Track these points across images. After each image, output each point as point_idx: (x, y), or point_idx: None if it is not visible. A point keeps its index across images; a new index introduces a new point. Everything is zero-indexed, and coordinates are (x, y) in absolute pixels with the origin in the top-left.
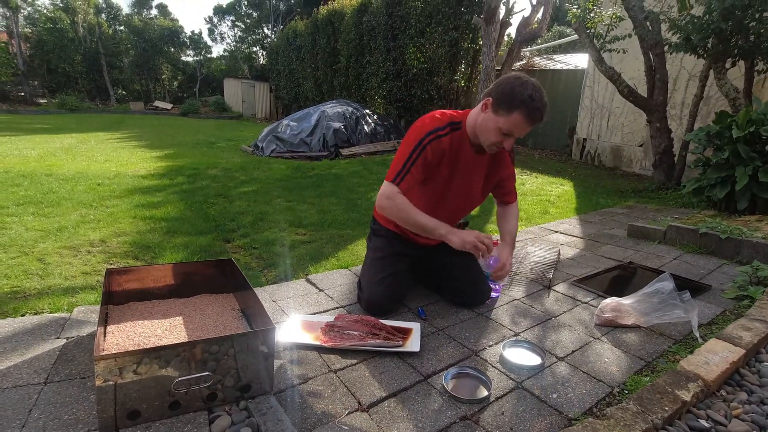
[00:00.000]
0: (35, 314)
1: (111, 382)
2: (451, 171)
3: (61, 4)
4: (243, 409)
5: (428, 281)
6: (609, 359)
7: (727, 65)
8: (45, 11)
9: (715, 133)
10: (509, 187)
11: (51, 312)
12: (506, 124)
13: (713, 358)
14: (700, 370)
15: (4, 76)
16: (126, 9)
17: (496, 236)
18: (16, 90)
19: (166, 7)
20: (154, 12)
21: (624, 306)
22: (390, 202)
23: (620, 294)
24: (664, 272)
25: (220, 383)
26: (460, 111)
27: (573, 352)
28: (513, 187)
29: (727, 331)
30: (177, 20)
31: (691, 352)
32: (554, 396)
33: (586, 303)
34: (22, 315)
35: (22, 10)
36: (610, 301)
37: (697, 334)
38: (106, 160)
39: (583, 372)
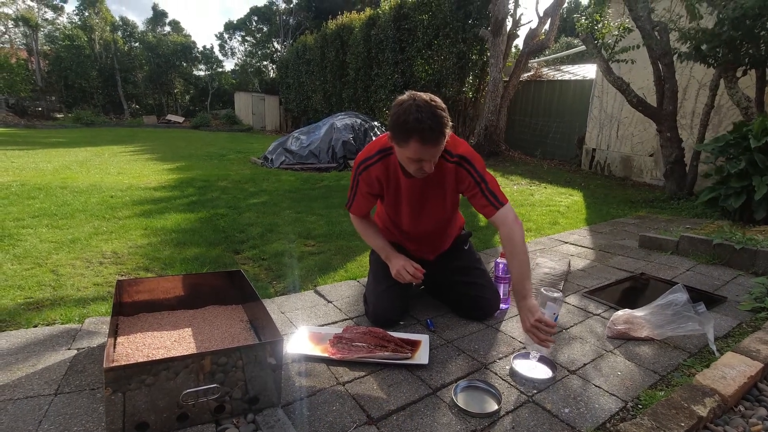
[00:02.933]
0: (47, 325)
1: (120, 394)
2: (394, 191)
3: (79, 23)
4: (251, 422)
5: (436, 293)
6: (622, 373)
7: (738, 74)
8: (63, 29)
9: (729, 143)
10: (479, 200)
11: (63, 323)
12: (410, 153)
13: (730, 372)
14: (716, 385)
15: (23, 92)
16: (141, 26)
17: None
18: (34, 105)
19: (179, 23)
20: (167, 28)
21: (637, 318)
22: (355, 226)
23: (632, 306)
24: (677, 283)
25: (228, 395)
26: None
27: (585, 365)
28: (485, 199)
29: (744, 345)
30: (189, 36)
31: (707, 366)
32: (566, 410)
33: (598, 315)
34: (35, 326)
35: (41, 29)
36: (623, 313)
37: (714, 348)
38: (119, 172)
39: (596, 386)
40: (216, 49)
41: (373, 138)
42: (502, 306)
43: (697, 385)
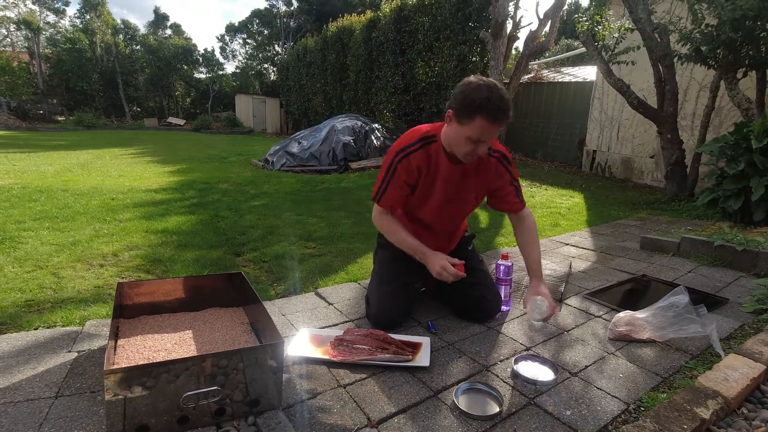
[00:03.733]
0: (48, 327)
1: (120, 397)
2: (429, 182)
3: (80, 26)
4: (251, 424)
5: (438, 294)
6: (624, 375)
7: (739, 76)
8: (65, 32)
9: (729, 144)
10: (508, 196)
11: (63, 325)
12: (472, 132)
13: (733, 374)
14: (719, 387)
15: (24, 95)
16: (142, 29)
17: (506, 249)
18: (35, 108)
19: (180, 26)
20: (168, 31)
21: (638, 320)
22: (380, 223)
23: (634, 308)
24: (678, 285)
25: (228, 398)
26: (438, 123)
27: (587, 367)
28: (515, 196)
29: (747, 346)
30: (190, 39)
31: (710, 368)
32: (568, 413)
33: (599, 317)
34: (35, 328)
35: (43, 32)
36: (624, 314)
37: (720, 350)
38: (120, 175)
39: (598, 388)
40: (217, 52)
41: (374, 140)
42: (504, 308)
43: (700, 388)
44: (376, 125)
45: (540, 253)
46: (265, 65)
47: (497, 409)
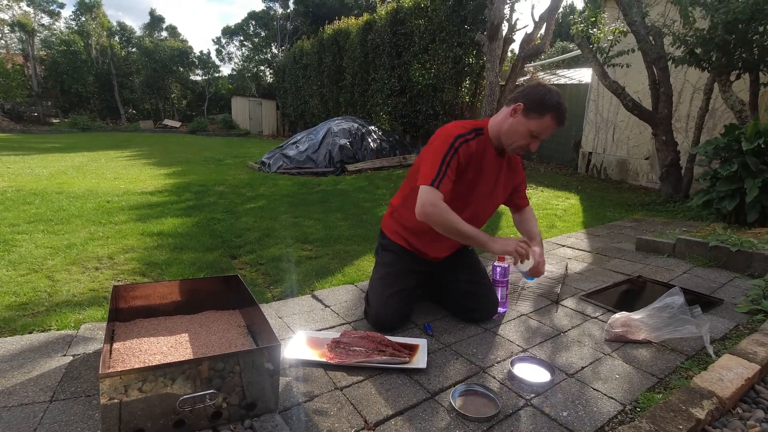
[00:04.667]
0: (42, 331)
1: (116, 401)
2: (476, 174)
3: (75, 28)
4: (248, 428)
5: (435, 296)
6: (620, 376)
7: (732, 78)
8: (60, 34)
9: (722, 146)
10: (522, 191)
11: (58, 329)
12: (537, 126)
13: (727, 374)
14: (714, 387)
15: (19, 97)
16: (138, 31)
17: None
18: (30, 110)
19: (176, 28)
20: (164, 34)
21: (634, 321)
22: (434, 209)
23: (630, 309)
24: (674, 286)
25: (225, 401)
26: (479, 120)
27: (583, 368)
28: (525, 192)
29: (741, 347)
30: (186, 41)
31: (705, 369)
32: (564, 414)
33: (596, 318)
34: (30, 332)
35: (38, 34)
36: (620, 315)
37: (711, 351)
38: (116, 177)
39: (594, 389)
40: (213, 54)
41: (371, 142)
42: (500, 309)
43: (695, 388)
44: (373, 127)
45: (538, 228)
46: (262, 67)
47: (494, 411)
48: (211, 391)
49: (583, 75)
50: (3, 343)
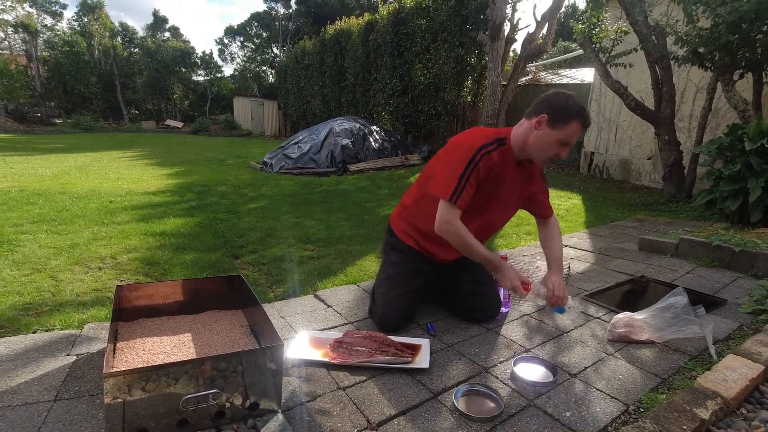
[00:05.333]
0: (46, 331)
1: (119, 400)
2: (494, 185)
3: (78, 28)
4: (251, 427)
5: (438, 296)
6: (623, 376)
7: (735, 77)
8: (63, 35)
9: (725, 146)
10: (544, 201)
11: (62, 329)
12: (565, 135)
13: (732, 374)
14: (718, 388)
15: (22, 98)
16: (140, 32)
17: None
18: (33, 111)
19: (179, 29)
20: (167, 34)
21: (637, 321)
22: (450, 227)
23: (633, 309)
24: (677, 286)
25: (228, 401)
26: (501, 129)
27: (586, 368)
28: (548, 202)
29: (745, 347)
30: (189, 41)
31: (708, 369)
32: (568, 414)
33: (598, 318)
34: (34, 332)
35: (41, 35)
36: (623, 316)
37: (713, 351)
38: (118, 177)
39: (597, 389)
40: (215, 55)
41: (372, 142)
42: (503, 310)
43: (699, 388)
44: (375, 127)
45: (562, 250)
46: (264, 68)
47: (497, 411)
48: (214, 390)
49: (585, 75)
50: (7, 343)
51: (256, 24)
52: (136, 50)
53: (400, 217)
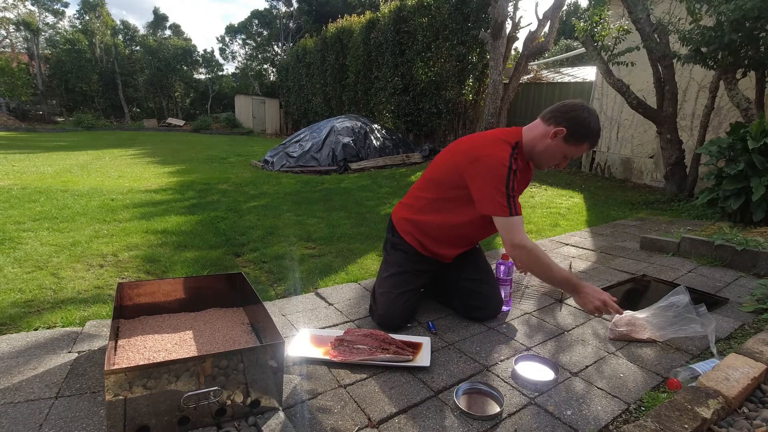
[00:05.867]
0: (48, 328)
1: (121, 397)
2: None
3: (79, 26)
4: (252, 425)
5: (439, 294)
6: (624, 374)
7: (738, 76)
8: (64, 33)
9: (727, 145)
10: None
11: (63, 326)
12: (573, 151)
13: (733, 373)
14: (720, 386)
15: (24, 96)
16: (142, 30)
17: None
18: (35, 109)
19: (180, 27)
20: (168, 32)
21: (638, 320)
22: (523, 251)
23: (634, 307)
24: (679, 285)
25: (229, 398)
26: (511, 130)
27: (587, 367)
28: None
29: (747, 346)
30: (190, 39)
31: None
32: (569, 413)
33: (600, 317)
34: (36, 329)
35: (42, 33)
36: (624, 314)
37: (714, 350)
38: (120, 176)
39: (598, 388)
40: (217, 53)
41: (374, 140)
42: (504, 308)
43: (701, 387)
44: (376, 126)
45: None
46: (265, 66)
47: (498, 409)
48: (216, 388)
49: (587, 73)
50: (9, 340)
51: (256, 22)
52: (138, 48)
53: (405, 219)
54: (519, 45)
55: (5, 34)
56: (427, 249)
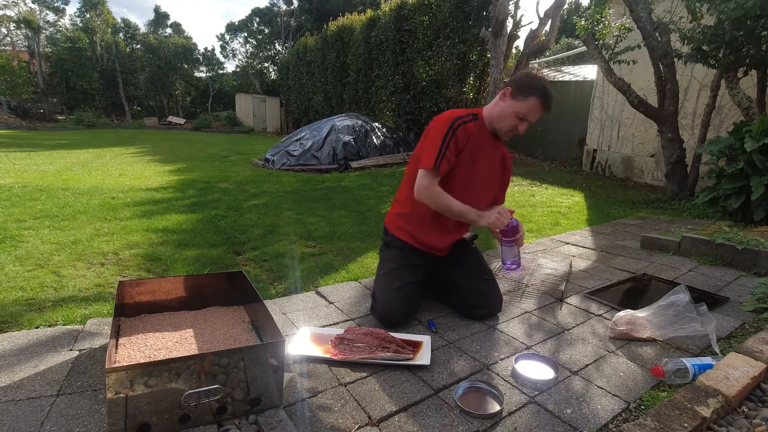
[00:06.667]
0: (49, 326)
1: (122, 395)
2: (473, 157)
3: (80, 25)
4: (252, 422)
5: (439, 293)
6: (624, 373)
7: (739, 74)
8: (65, 31)
9: (727, 144)
10: (504, 189)
11: (64, 324)
12: (523, 108)
13: (733, 372)
14: (719, 386)
15: (24, 94)
16: (143, 28)
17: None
18: (35, 107)
19: (180, 25)
20: (168, 30)
21: (639, 319)
22: (427, 191)
23: (634, 306)
24: (679, 284)
25: (230, 396)
26: (472, 109)
27: (587, 366)
28: (505, 191)
29: (747, 345)
30: (191, 38)
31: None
32: (568, 411)
33: (600, 316)
34: (37, 327)
35: (43, 31)
36: (625, 313)
37: (717, 349)
38: (120, 174)
39: (598, 386)
40: (217, 51)
41: (374, 139)
42: (516, 270)
43: (700, 386)
44: (377, 124)
45: None
46: (266, 64)
47: (498, 408)
48: (216, 386)
49: (588, 72)
50: (11, 338)
51: (257, 20)
52: (138, 46)
53: (394, 214)
54: (520, 43)
55: (6, 33)
56: (420, 241)
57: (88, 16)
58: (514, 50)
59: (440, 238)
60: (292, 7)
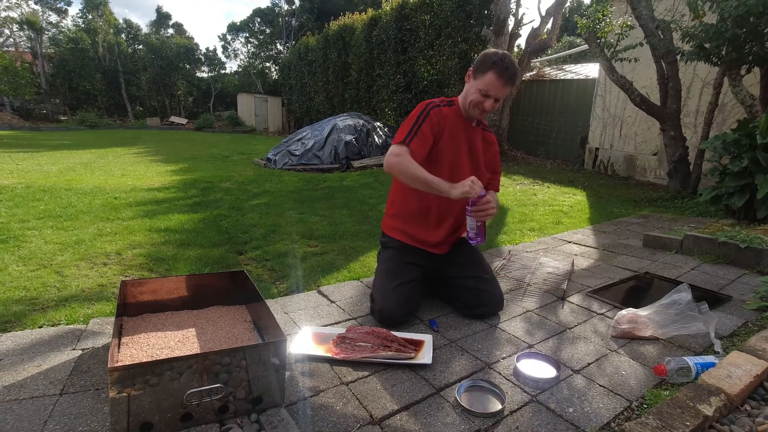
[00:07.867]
0: (52, 326)
1: (124, 394)
2: (454, 140)
3: (82, 25)
4: (254, 421)
5: (440, 293)
6: (626, 372)
7: (742, 72)
8: (67, 32)
9: (731, 141)
10: (496, 176)
11: (67, 323)
12: (482, 84)
13: (736, 371)
14: (722, 384)
15: (27, 95)
16: (145, 28)
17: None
18: (38, 108)
19: (182, 25)
20: (170, 31)
21: (641, 317)
22: (397, 159)
23: (637, 305)
24: (681, 283)
25: (231, 395)
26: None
27: (589, 364)
28: (499, 179)
29: (750, 344)
30: (192, 38)
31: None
32: (570, 410)
33: (602, 314)
34: (40, 326)
35: (46, 32)
36: (627, 312)
37: (719, 348)
38: (123, 174)
39: (600, 385)
40: (219, 51)
41: (376, 138)
42: (474, 241)
43: (703, 385)
44: (378, 124)
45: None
46: (267, 64)
47: (499, 407)
48: (218, 385)
49: (590, 70)
50: (14, 337)
51: (258, 20)
52: (140, 47)
53: (388, 216)
54: (522, 42)
55: (9, 34)
56: (413, 237)
57: (90, 16)
58: (515, 49)
59: (432, 232)
60: (294, 7)
